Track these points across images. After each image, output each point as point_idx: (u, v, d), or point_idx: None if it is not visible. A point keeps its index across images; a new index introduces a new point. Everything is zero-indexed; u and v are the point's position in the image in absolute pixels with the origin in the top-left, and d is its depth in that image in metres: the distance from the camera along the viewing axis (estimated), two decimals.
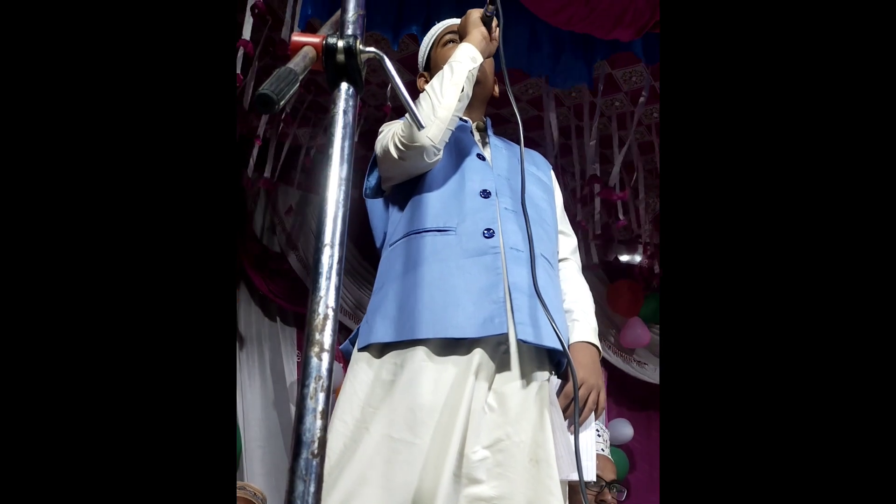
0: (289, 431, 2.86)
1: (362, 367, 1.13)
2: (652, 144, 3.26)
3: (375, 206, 1.32)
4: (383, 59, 0.74)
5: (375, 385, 1.10)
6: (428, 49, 1.43)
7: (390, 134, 1.20)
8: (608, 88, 2.92)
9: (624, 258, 3.98)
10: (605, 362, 3.67)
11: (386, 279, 1.19)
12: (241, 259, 3.03)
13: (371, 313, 1.18)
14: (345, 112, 0.68)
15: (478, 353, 1.08)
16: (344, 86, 0.69)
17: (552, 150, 2.94)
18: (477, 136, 1.34)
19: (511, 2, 2.30)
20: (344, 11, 0.75)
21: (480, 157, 1.29)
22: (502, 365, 1.12)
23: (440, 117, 1.15)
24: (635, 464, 3.62)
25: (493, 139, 1.37)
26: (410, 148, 1.16)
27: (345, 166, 0.65)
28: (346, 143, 0.66)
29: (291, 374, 3.03)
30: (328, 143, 0.67)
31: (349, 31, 0.72)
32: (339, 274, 0.60)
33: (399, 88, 0.75)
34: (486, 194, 1.22)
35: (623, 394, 3.82)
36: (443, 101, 1.17)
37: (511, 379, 1.11)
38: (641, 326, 3.68)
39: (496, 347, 1.12)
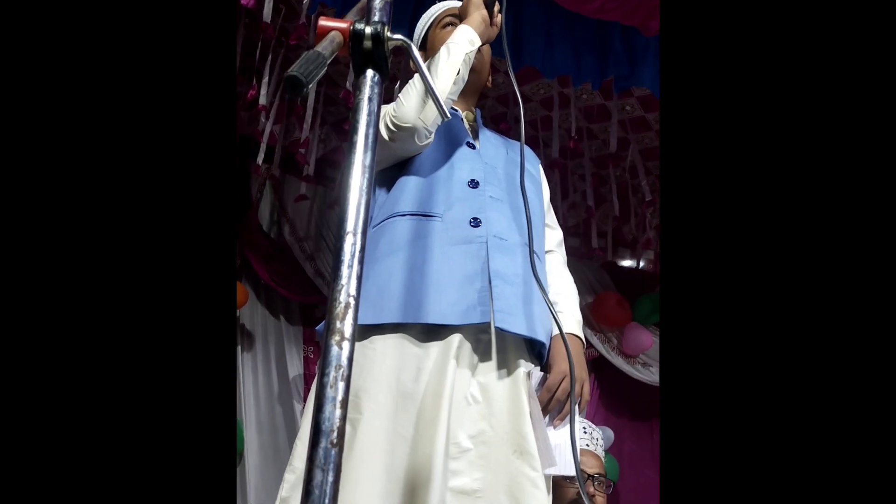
0: (291, 425, 2.85)
1: None
2: (657, 151, 3.26)
3: None
4: (410, 48, 0.73)
5: (354, 368, 1.05)
6: (425, 29, 1.39)
7: (381, 115, 1.15)
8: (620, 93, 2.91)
9: (627, 263, 3.96)
10: (606, 365, 3.65)
11: (366, 260, 1.16)
12: (246, 251, 3.01)
13: None
14: (370, 99, 0.67)
15: (457, 339, 1.07)
16: (370, 73, 0.68)
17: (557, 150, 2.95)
18: (467, 125, 1.32)
19: (530, 4, 2.29)
20: None
21: (470, 144, 1.27)
22: (485, 354, 1.11)
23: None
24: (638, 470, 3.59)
25: (483, 129, 1.36)
26: (402, 129, 1.13)
27: (369, 154, 0.64)
28: (371, 131, 0.65)
29: (295, 369, 3.01)
30: (352, 129, 0.66)
31: (376, 18, 0.71)
32: (360, 262, 0.59)
33: (426, 77, 0.74)
34: (474, 184, 1.21)
35: (620, 398, 3.78)
36: (437, 83, 1.14)
37: (494, 369, 1.10)
38: (641, 330, 3.64)
39: (478, 336, 1.10)
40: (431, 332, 1.08)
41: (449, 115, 0.79)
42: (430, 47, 1.36)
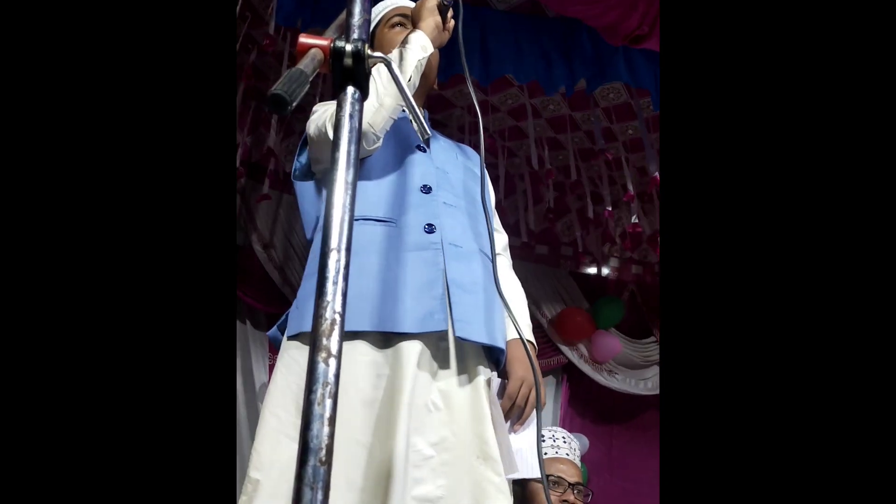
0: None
1: (294, 357, 1.07)
2: (620, 161, 3.32)
3: (306, 190, 1.25)
4: (390, 65, 0.74)
5: None
6: (372, 27, 1.36)
7: (327, 115, 1.12)
8: (585, 103, 2.98)
9: (591, 270, 4.03)
10: (573, 370, 3.70)
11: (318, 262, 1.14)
12: None
13: (302, 300, 1.12)
14: (351, 116, 0.68)
15: (417, 346, 1.05)
16: (350, 90, 0.69)
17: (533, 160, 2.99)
18: (415, 126, 1.32)
19: (495, 14, 2.32)
20: (350, 15, 0.74)
21: (421, 148, 1.26)
22: (444, 361, 1.10)
23: (385, 105, 1.11)
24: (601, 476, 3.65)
25: (433, 133, 1.33)
26: None
27: (351, 170, 0.64)
28: (353, 147, 0.66)
29: (261, 378, 2.97)
30: (334, 146, 0.67)
31: (355, 35, 0.71)
32: (345, 279, 0.59)
33: (406, 94, 0.75)
34: (426, 189, 1.20)
35: (583, 405, 3.84)
36: (389, 88, 1.12)
37: (454, 376, 1.10)
38: (608, 336, 3.69)
39: (437, 343, 1.10)
40: (390, 340, 1.07)
41: (429, 132, 0.79)
42: (377, 45, 1.33)
